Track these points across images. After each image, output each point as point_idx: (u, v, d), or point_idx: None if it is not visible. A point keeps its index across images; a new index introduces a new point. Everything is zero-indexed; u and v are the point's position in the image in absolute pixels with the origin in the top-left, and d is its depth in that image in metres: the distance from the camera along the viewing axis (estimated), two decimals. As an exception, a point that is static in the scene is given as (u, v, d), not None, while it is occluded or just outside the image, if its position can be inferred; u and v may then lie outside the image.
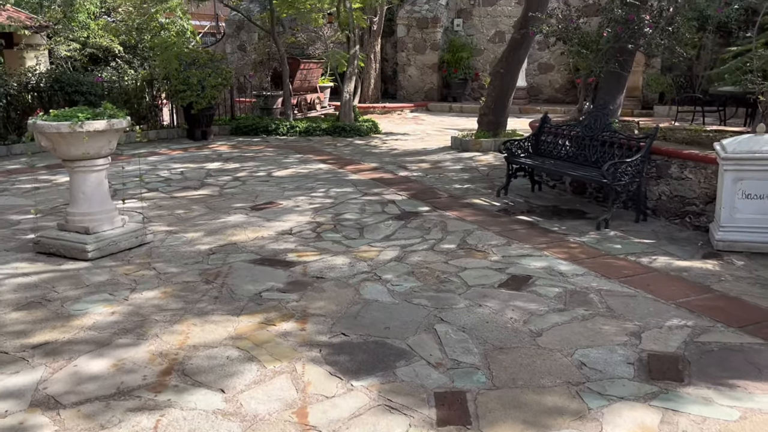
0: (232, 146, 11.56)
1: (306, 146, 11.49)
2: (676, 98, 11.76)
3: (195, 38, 17.07)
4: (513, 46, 9.97)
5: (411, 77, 18.02)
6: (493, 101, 10.23)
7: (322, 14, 14.19)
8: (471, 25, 18.06)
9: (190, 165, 9.66)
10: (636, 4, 7.24)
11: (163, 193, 7.80)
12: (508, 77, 10.11)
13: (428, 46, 17.62)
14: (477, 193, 7.51)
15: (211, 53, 12.34)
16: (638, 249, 5.37)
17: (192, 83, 11.64)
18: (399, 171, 8.92)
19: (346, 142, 11.95)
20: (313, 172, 8.97)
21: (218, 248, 5.55)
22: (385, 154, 10.52)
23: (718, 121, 12.20)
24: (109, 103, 5.62)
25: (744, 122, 11.33)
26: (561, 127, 7.13)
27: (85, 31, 14.66)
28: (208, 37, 25.47)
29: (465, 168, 9.02)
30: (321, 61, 15.38)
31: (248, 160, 10.03)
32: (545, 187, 7.63)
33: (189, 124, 12.36)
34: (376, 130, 13.06)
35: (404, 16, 17.83)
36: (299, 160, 9.99)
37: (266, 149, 11.18)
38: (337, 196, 7.48)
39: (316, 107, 15.74)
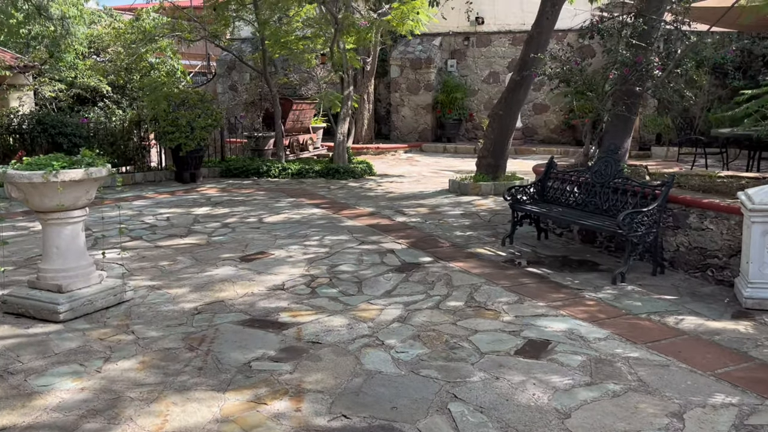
0: (222, 189, 11.15)
1: (298, 189, 11.11)
2: (677, 140, 11.52)
3: (185, 78, 16.82)
4: (512, 88, 9.72)
5: (405, 118, 17.81)
6: (491, 143, 9.93)
7: (315, 55, 13.99)
8: (465, 66, 17.96)
9: (177, 210, 9.23)
10: (642, 45, 6.99)
11: (147, 242, 7.34)
12: (507, 119, 9.84)
13: (422, 86, 17.47)
14: (480, 242, 7.10)
15: (201, 94, 12.05)
16: (661, 307, 4.96)
17: (181, 124, 11.29)
18: (396, 216, 8.53)
19: (340, 185, 11.58)
20: (306, 218, 8.55)
21: (204, 307, 5.08)
22: (380, 197, 10.15)
23: (720, 163, 11.98)
24: (87, 150, 5.22)
25: (747, 165, 11.09)
26: (568, 173, 6.79)
27: (73, 71, 14.36)
28: (199, 77, 25.31)
29: (465, 213, 8.64)
30: (314, 101, 15.13)
31: (238, 205, 9.61)
32: (552, 235, 7.25)
33: (177, 166, 11.97)
34: (370, 171, 12.72)
35: (397, 57, 17.71)
36: (292, 205, 9.59)
37: (257, 192, 10.78)
38: (332, 244, 7.05)
39: (309, 148, 15.43)
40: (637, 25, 6.99)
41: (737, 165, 11.48)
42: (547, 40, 9.57)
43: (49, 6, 12.66)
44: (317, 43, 13.81)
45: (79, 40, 13.38)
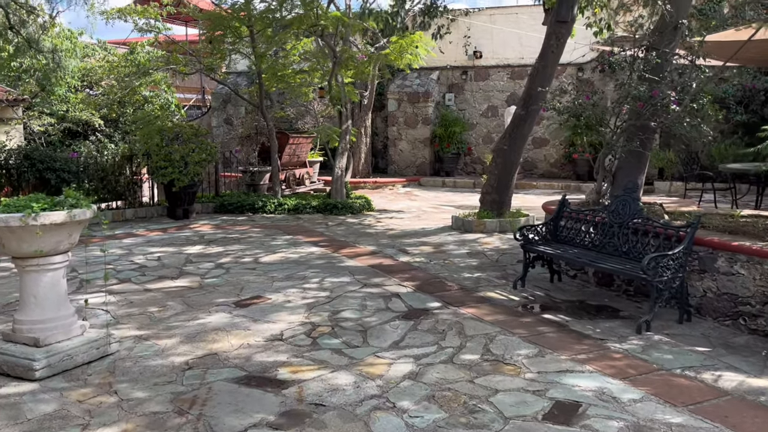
0: (216, 226, 10.75)
1: (295, 226, 10.72)
2: (683, 174, 11.24)
3: (180, 111, 16.56)
4: (516, 123, 9.45)
5: (402, 151, 17.55)
6: (496, 179, 9.61)
7: (312, 88, 13.75)
8: (463, 100, 17.80)
9: (169, 249, 8.80)
10: (656, 79, 6.72)
11: (136, 285, 6.90)
12: (512, 154, 9.54)
13: (420, 120, 17.25)
14: (490, 284, 6.71)
15: (195, 127, 11.73)
16: (695, 361, 4.56)
17: (174, 159, 10.94)
18: (399, 256, 8.14)
19: (339, 221, 11.21)
20: (304, 258, 8.15)
21: (196, 361, 4.64)
22: (381, 234, 9.77)
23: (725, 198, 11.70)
24: (75, 186, 4.84)
25: (756, 201, 10.81)
26: (583, 212, 6.44)
27: (65, 104, 14.05)
28: (194, 110, 25.10)
29: (471, 252, 8.25)
30: (311, 135, 14.85)
31: (233, 243, 9.21)
32: (565, 277, 6.87)
33: (170, 202, 11.58)
34: (369, 207, 12.36)
35: (395, 90, 17.54)
36: (289, 243, 9.19)
37: (253, 229, 10.39)
38: (332, 288, 6.64)
39: (305, 182, 15.09)
40: (650, 59, 6.73)
41: (745, 201, 11.20)
42: (552, 74, 9.33)
43: (41, 39, 12.40)
44: (314, 77, 13.59)
45: (71, 73, 13.10)
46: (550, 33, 9.14)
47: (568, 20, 8.96)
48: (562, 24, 9.00)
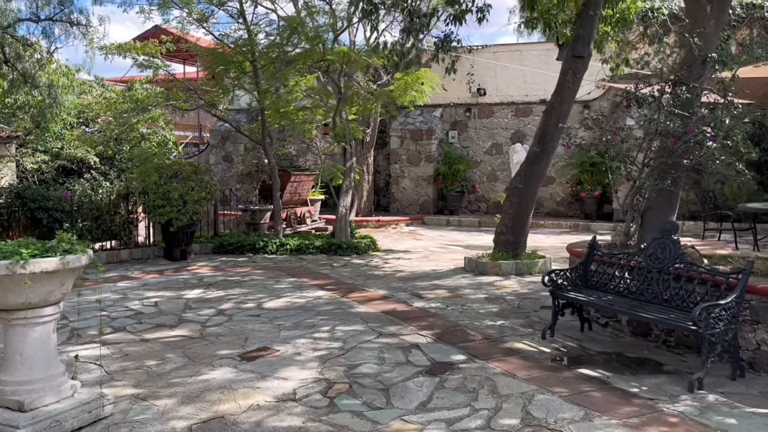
0: (215, 268, 10.25)
1: (299, 267, 10.23)
2: (702, 215, 10.87)
3: (177, 149, 16.20)
4: (531, 160, 9.09)
5: (405, 189, 17.19)
6: (510, 219, 9.20)
7: (315, 125, 13.44)
8: (466, 137, 17.54)
9: (166, 293, 8.29)
10: (685, 115, 6.38)
11: (132, 334, 6.38)
12: (527, 193, 9.15)
13: (423, 158, 16.94)
14: (516, 334, 6.22)
15: (195, 165, 11.33)
16: (761, 425, 4.06)
17: (172, 198, 10.50)
18: (413, 300, 7.65)
19: (343, 262, 10.73)
20: (311, 303, 7.65)
21: (200, 426, 4.12)
22: (390, 276, 9.29)
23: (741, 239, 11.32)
24: (67, 229, 4.37)
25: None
26: (615, 256, 6.00)
27: (60, 141, 13.66)
28: (191, 148, 24.80)
29: (490, 297, 7.77)
30: (312, 173, 14.48)
31: (234, 286, 8.70)
32: (596, 326, 6.39)
33: (167, 242, 11.09)
34: (374, 247, 11.91)
35: (397, 128, 17.27)
36: (293, 286, 8.69)
37: (254, 271, 9.89)
38: (346, 337, 6.13)
39: (307, 221, 14.66)
40: (680, 93, 6.40)
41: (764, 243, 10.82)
42: (569, 110, 9.02)
43: (37, 75, 12.07)
44: (317, 114, 13.30)
45: (67, 109, 12.75)
46: (566, 68, 8.86)
47: (584, 55, 8.69)
48: (579, 59, 8.73)
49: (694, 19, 6.85)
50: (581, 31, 8.69)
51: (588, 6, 8.64)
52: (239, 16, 10.91)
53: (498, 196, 17.28)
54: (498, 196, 17.29)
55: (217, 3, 10.74)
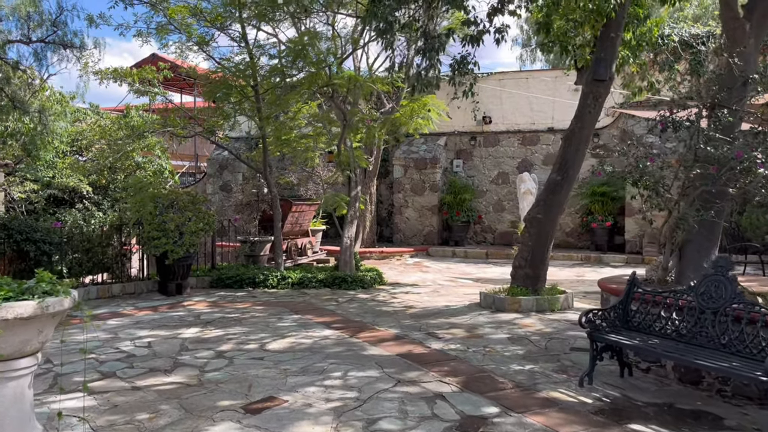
0: (213, 304, 9.61)
1: (302, 303, 9.61)
2: (728, 247, 10.34)
3: (173, 178, 15.66)
4: (551, 189, 8.58)
5: (408, 219, 16.65)
6: (529, 251, 8.64)
7: (319, 153, 12.95)
8: (472, 166, 17.08)
9: (161, 332, 7.65)
10: (726, 140, 5.89)
11: (122, 380, 5.74)
12: (547, 224, 8.62)
13: (427, 187, 16.45)
14: (549, 380, 5.61)
15: (193, 195, 10.77)
16: None
17: (168, 229, 9.92)
18: (429, 341, 7.03)
19: (349, 297, 10.12)
20: (318, 343, 7.02)
21: (200, 501, 3.48)
22: (400, 313, 8.68)
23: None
24: (46, 272, 3.78)
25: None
26: (661, 294, 5.43)
27: (51, 170, 13.11)
28: (187, 177, 24.29)
29: (513, 338, 7.16)
30: (314, 203, 13.94)
31: (233, 324, 8.07)
32: (636, 371, 5.78)
33: (161, 276, 10.46)
34: (380, 280, 11.31)
35: (401, 156, 16.81)
36: (298, 324, 8.06)
37: (255, 308, 9.26)
38: (360, 385, 5.50)
39: (308, 252, 14.06)
40: (720, 117, 5.92)
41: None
42: (590, 136, 8.55)
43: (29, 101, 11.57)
44: (319, 141, 12.81)
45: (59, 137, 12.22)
46: (587, 92, 8.40)
47: (606, 78, 8.25)
48: (600, 83, 8.28)
49: (732, 39, 6.42)
50: (602, 54, 8.27)
51: (609, 28, 8.23)
52: (241, 39, 10.49)
53: (505, 227, 16.76)
54: (505, 226, 16.77)
55: (218, 26, 10.31)
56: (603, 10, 7.85)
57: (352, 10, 10.80)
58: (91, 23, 9.53)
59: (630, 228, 14.75)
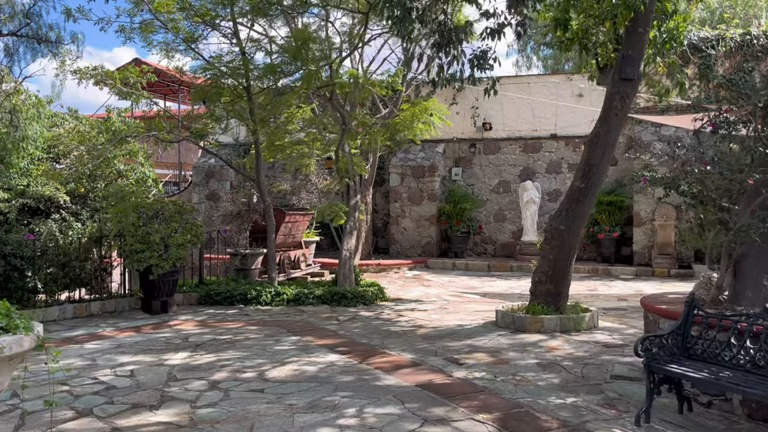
0: (202, 323, 8.77)
1: (300, 322, 8.80)
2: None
3: (157, 187, 14.78)
4: (574, 198, 7.88)
5: (406, 230, 15.90)
6: (550, 266, 7.93)
7: (314, 159, 12.18)
8: (471, 174, 16.40)
9: (145, 358, 6.81)
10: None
11: (100, 420, 4.90)
12: (570, 236, 7.92)
13: (425, 196, 15.72)
14: (598, 417, 4.86)
15: (180, 204, 9.94)
16: None
17: (153, 241, 9.09)
18: (451, 368, 6.26)
19: (350, 315, 9.33)
20: (325, 371, 6.23)
21: None
22: (411, 334, 7.90)
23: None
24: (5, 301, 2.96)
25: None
26: (729, 318, 4.72)
27: (25, 178, 12.18)
28: (170, 186, 23.34)
29: (543, 364, 6.41)
30: (308, 212, 13.15)
31: (226, 347, 7.25)
32: (696, 405, 5.05)
33: (145, 292, 9.60)
34: (383, 296, 10.53)
35: (397, 164, 16.08)
36: (298, 347, 7.26)
37: (248, 327, 8.44)
38: (381, 425, 4.72)
39: (301, 266, 13.23)
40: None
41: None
42: (616, 139, 7.88)
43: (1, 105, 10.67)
44: (315, 147, 12.03)
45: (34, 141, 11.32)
46: (613, 93, 7.74)
47: (634, 78, 7.60)
48: (628, 82, 7.63)
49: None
50: (630, 51, 7.61)
51: (637, 23, 7.59)
52: (233, 36, 9.71)
53: (507, 238, 16.07)
54: (507, 237, 16.09)
55: (209, 22, 9.51)
56: (631, 3, 7.21)
57: (352, 5, 10.07)
58: (69, 17, 8.71)
59: (638, 239, 14.13)
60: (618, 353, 6.67)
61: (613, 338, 7.36)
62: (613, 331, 7.76)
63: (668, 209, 13.70)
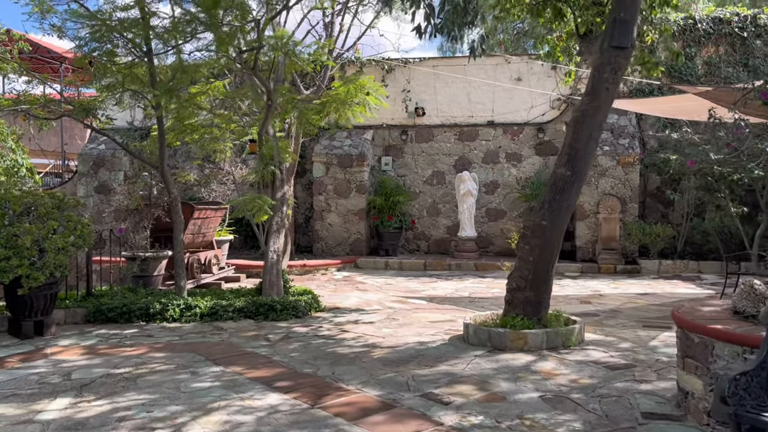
0: (90, 350, 6.79)
1: (221, 345, 7.02)
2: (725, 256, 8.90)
3: (33, 177, 12.31)
4: (559, 187, 6.62)
5: (332, 226, 14.27)
6: (530, 269, 6.63)
7: (230, 144, 10.29)
8: (403, 164, 15.00)
9: (7, 410, 4.86)
10: None
11: None
12: (554, 232, 6.66)
13: (353, 188, 14.16)
14: (665, 487, 3.54)
15: (60, 197, 7.83)
16: None
17: (21, 245, 6.98)
18: (435, 410, 4.77)
19: (282, 331, 7.64)
20: (266, 422, 4.57)
21: None
22: (364, 358, 6.34)
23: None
24: None
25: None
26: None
27: None
28: (51, 178, 20.37)
29: (548, 398, 5.05)
30: (222, 207, 11.24)
31: (125, 387, 5.40)
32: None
33: (13, 311, 7.46)
34: (317, 305, 8.91)
35: (322, 152, 14.40)
36: (224, 384, 5.52)
37: (153, 354, 6.57)
38: None
39: (213, 269, 11.32)
40: None
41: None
42: (605, 119, 6.69)
43: None
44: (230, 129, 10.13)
45: None
46: (602, 64, 6.53)
47: (627, 45, 6.43)
48: (620, 51, 6.45)
49: None
50: (622, 14, 6.44)
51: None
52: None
53: (441, 233, 14.84)
54: (441, 232, 14.84)
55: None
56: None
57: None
58: None
59: (582, 233, 13.31)
60: (629, 378, 5.45)
61: (611, 356, 6.16)
62: (605, 346, 6.58)
63: (613, 201, 12.96)
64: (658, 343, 6.62)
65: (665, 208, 13.63)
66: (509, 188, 14.44)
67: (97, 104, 8.31)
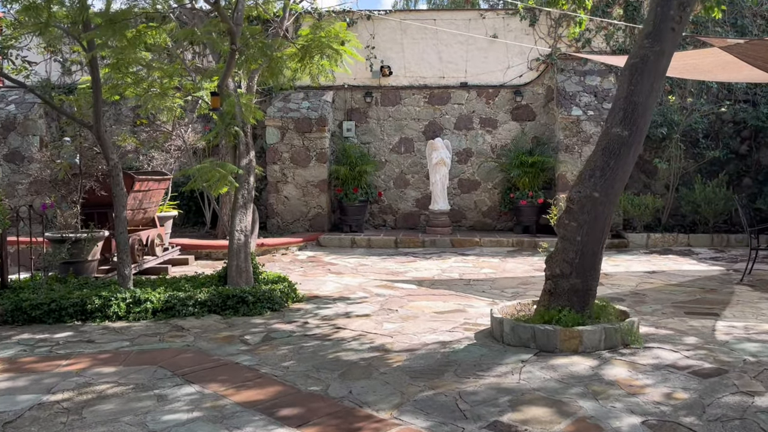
0: (10, 365, 5.12)
1: (187, 352, 5.49)
2: (750, 230, 8.06)
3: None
4: (612, 150, 5.42)
5: (288, 199, 12.71)
6: (577, 251, 5.44)
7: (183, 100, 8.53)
8: (367, 130, 13.54)
9: None
10: None
11: None
12: (607, 206, 5.48)
13: (313, 156, 12.61)
14: None
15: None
16: None
17: None
18: (514, 451, 3.50)
19: (260, 330, 6.18)
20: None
21: None
22: (381, 366, 4.99)
23: None
24: None
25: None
26: None
27: None
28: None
29: (651, 423, 3.85)
30: (166, 178, 9.49)
31: (69, 426, 3.85)
32: None
33: None
34: (295, 295, 7.46)
35: (276, 115, 12.73)
36: (206, 415, 4.06)
37: (99, 369, 4.98)
38: None
39: (156, 251, 9.62)
40: None
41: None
42: (668, 66, 5.50)
43: None
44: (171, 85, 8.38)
45: None
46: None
47: (698, -23, 5.24)
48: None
49: None
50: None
51: None
52: None
53: (410, 206, 13.56)
54: (410, 205, 13.56)
55: None
56: None
57: None
58: None
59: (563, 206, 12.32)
60: (733, 389, 4.35)
61: (687, 358, 5.05)
62: (668, 343, 5.49)
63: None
64: (727, 337, 5.60)
65: (648, 178, 12.88)
66: (484, 156, 13.29)
67: (9, 43, 6.40)
